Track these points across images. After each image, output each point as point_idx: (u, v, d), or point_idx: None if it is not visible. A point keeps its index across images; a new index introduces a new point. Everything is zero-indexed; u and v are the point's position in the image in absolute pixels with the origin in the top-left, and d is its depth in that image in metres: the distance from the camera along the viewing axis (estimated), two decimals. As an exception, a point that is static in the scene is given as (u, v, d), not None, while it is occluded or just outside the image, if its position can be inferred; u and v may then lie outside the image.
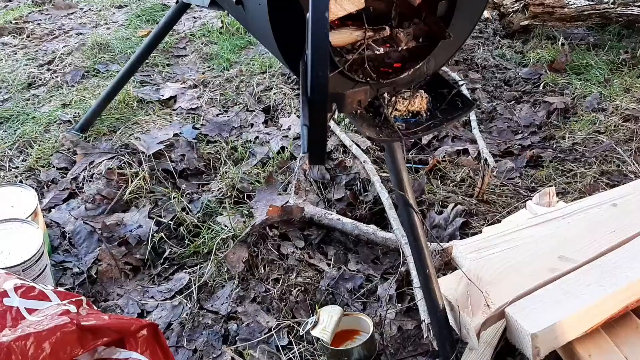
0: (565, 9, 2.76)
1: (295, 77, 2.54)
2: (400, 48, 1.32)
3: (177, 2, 1.90)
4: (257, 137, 2.37)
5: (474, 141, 2.26)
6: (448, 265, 1.64)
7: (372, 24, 1.32)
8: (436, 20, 1.32)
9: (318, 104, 0.87)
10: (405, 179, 1.37)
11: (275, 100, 2.58)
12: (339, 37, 1.29)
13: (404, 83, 1.35)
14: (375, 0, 1.33)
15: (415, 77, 1.35)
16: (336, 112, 1.21)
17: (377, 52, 1.31)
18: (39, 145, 2.27)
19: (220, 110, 2.55)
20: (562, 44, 2.79)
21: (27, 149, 2.26)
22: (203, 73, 2.80)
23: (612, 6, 2.69)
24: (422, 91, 1.36)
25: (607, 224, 1.59)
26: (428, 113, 1.34)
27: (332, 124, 2.31)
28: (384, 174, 2.05)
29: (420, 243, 1.40)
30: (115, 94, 2.27)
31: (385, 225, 1.91)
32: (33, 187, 2.05)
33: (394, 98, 1.34)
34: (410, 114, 1.34)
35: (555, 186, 2.00)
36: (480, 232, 1.78)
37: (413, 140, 2.27)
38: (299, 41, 1.10)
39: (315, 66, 0.86)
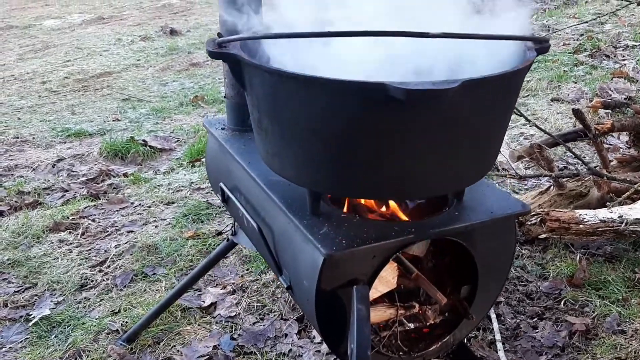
0: (581, 225, 2.95)
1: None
2: (428, 323, 1.49)
3: (227, 240, 2.14)
4: (290, 350, 2.50)
5: (499, 363, 2.36)
6: None
7: (402, 300, 1.51)
8: (460, 299, 1.50)
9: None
10: None
11: (308, 308, 2.74)
12: (374, 315, 1.47)
13: (432, 353, 1.50)
14: (405, 279, 1.52)
15: (443, 348, 1.50)
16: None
17: (408, 328, 1.47)
18: (87, 356, 2.43)
19: (256, 318, 2.71)
20: (580, 259, 2.96)
21: (77, 359, 2.42)
22: (242, 276, 3.00)
23: (625, 226, 2.88)
24: (449, 361, 1.51)
25: None
26: (455, 384, 1.48)
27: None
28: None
29: None
30: (164, 310, 2.46)
31: None
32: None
33: (423, 368, 1.48)
34: (438, 384, 1.47)
35: (581, 421, 2.07)
36: None
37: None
38: (342, 331, 1.28)
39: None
